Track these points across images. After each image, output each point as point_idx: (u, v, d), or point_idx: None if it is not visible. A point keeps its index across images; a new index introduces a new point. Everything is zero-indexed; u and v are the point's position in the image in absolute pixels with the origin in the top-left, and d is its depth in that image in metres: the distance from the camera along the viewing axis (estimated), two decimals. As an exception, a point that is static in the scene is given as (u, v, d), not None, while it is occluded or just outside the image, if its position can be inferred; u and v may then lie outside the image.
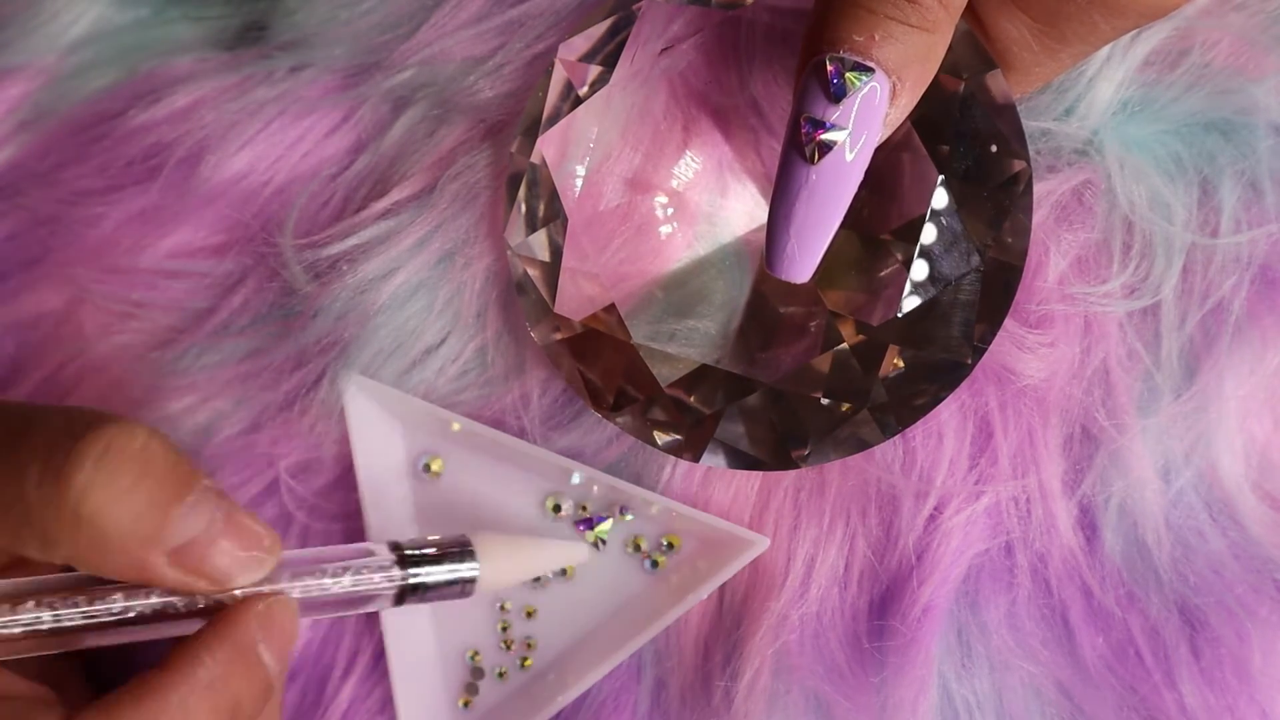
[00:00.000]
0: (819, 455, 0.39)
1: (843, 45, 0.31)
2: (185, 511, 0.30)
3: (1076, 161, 0.39)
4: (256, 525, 0.32)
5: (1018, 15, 0.35)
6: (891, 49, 0.31)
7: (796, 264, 0.33)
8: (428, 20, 0.42)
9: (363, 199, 0.42)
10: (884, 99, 0.32)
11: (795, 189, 0.32)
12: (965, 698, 0.41)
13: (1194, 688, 0.40)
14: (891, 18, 0.31)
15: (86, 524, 0.29)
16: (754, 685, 0.41)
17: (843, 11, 0.31)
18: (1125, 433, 0.39)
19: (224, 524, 0.31)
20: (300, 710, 0.44)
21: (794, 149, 0.32)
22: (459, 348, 0.42)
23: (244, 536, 0.31)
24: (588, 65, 0.39)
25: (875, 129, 0.32)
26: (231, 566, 0.31)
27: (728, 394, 0.39)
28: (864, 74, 0.31)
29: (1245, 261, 0.39)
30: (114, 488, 0.29)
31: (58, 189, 0.44)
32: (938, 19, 0.31)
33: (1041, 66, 0.36)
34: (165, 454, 0.30)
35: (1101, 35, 0.35)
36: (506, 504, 0.43)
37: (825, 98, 0.31)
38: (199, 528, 0.30)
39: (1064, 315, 0.39)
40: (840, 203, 0.33)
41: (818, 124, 0.32)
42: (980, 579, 0.40)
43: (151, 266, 0.43)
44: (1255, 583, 0.40)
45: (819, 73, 0.31)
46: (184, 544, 0.30)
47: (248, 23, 0.45)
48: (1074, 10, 0.34)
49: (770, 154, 0.39)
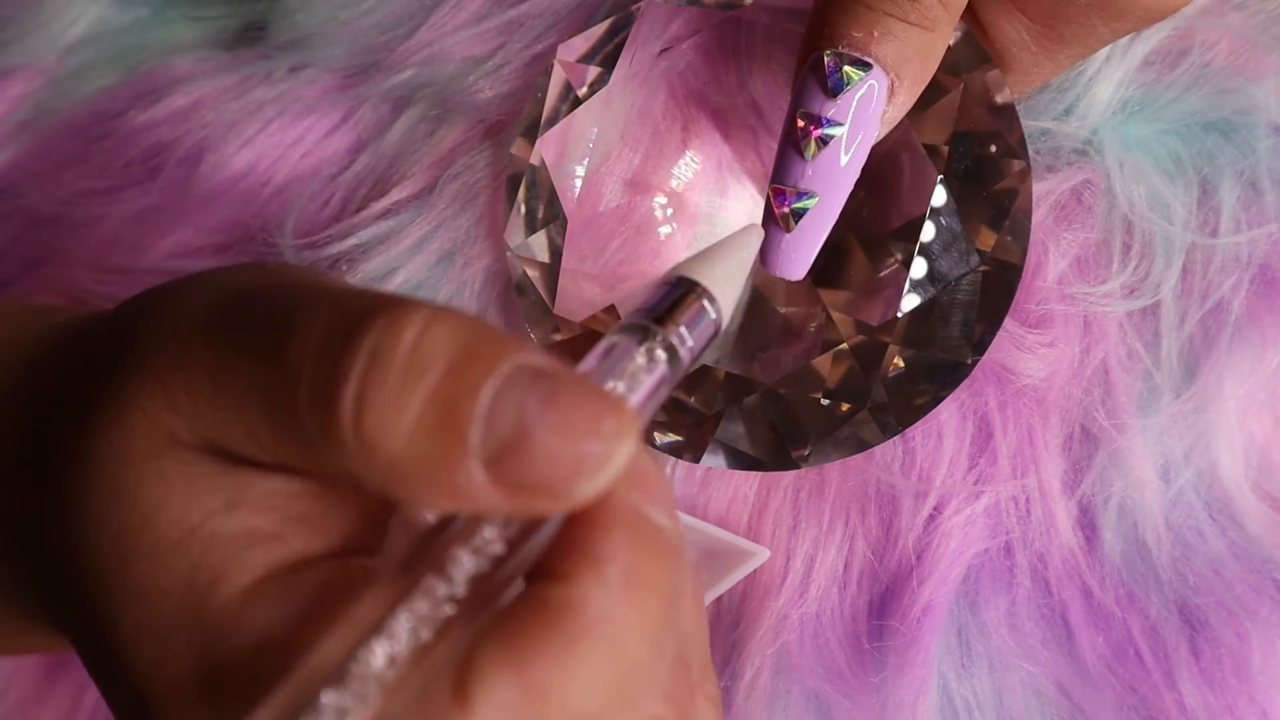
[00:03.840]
0: (819, 455, 0.39)
1: (841, 41, 0.31)
2: (481, 412, 0.22)
3: (1076, 161, 0.39)
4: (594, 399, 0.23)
5: (1016, 16, 0.35)
6: (890, 46, 0.31)
7: (792, 261, 0.33)
8: (427, 20, 0.42)
9: (363, 199, 0.42)
10: (882, 97, 0.32)
11: (790, 183, 0.32)
12: (965, 698, 0.41)
13: (1194, 688, 0.40)
14: (891, 15, 0.31)
15: (370, 453, 0.23)
16: (754, 685, 0.41)
17: (842, 8, 0.31)
18: (1125, 433, 0.39)
19: (542, 409, 0.23)
20: (299, 710, 0.44)
21: (790, 144, 0.32)
22: (459, 348, 0.42)
23: (569, 431, 0.23)
24: (587, 66, 0.39)
25: (872, 127, 0.32)
26: (563, 470, 0.23)
27: (727, 395, 0.39)
28: (862, 69, 0.31)
29: (1245, 261, 0.39)
30: (388, 403, 0.22)
31: (58, 189, 0.44)
32: (937, 18, 0.31)
33: (1040, 67, 0.36)
34: (446, 341, 0.23)
35: (1100, 37, 0.35)
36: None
37: (822, 92, 0.32)
38: (507, 431, 0.22)
39: (1064, 315, 0.39)
40: (836, 200, 0.33)
41: (814, 119, 0.32)
42: (980, 579, 0.40)
43: (151, 266, 0.43)
44: (1255, 583, 0.40)
45: (817, 68, 0.32)
46: (497, 451, 0.22)
47: (248, 23, 0.45)
48: (1073, 12, 0.34)
49: (769, 154, 0.39)
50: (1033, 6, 0.34)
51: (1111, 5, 0.33)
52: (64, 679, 0.45)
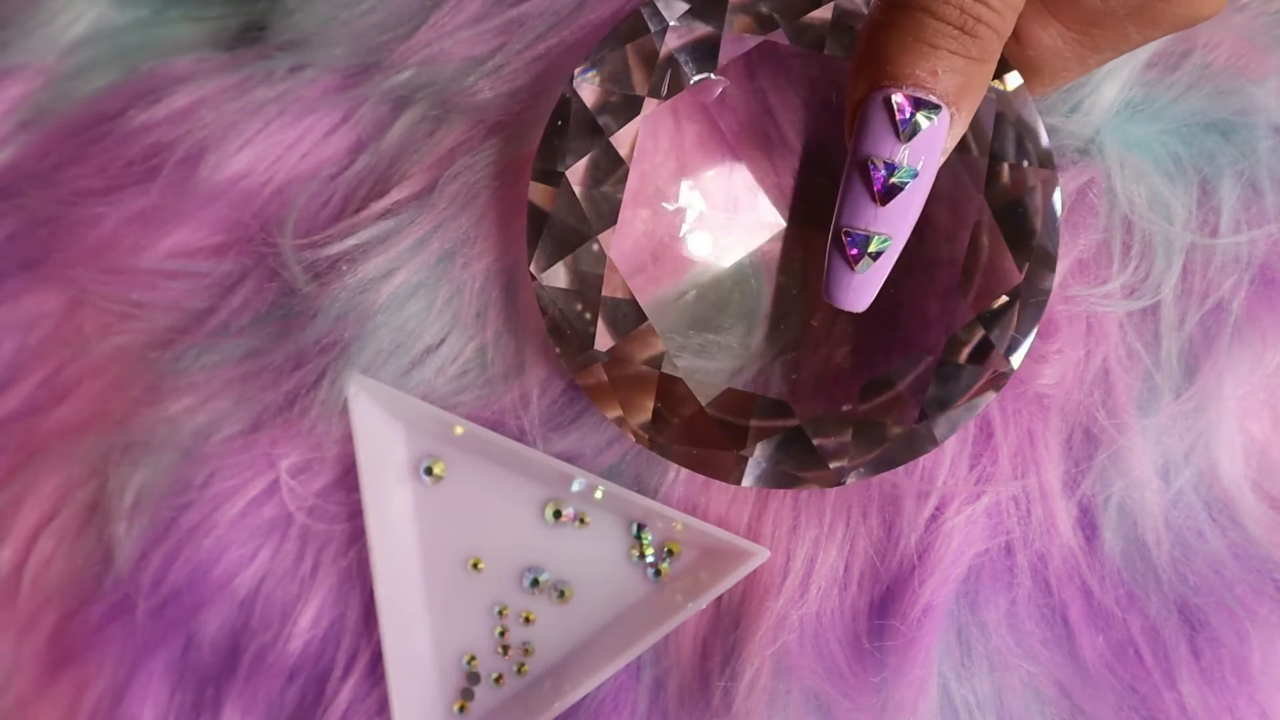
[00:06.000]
0: (860, 472, 0.38)
1: (907, 81, 0.31)
2: None
3: (1079, 161, 0.40)
4: None
5: (1052, 24, 0.35)
6: (952, 81, 0.31)
7: (859, 297, 0.34)
8: (427, 20, 0.42)
9: (362, 199, 0.42)
10: (943, 130, 0.32)
11: (861, 225, 0.32)
12: (965, 698, 0.41)
13: (1194, 688, 0.40)
14: (954, 52, 0.31)
15: None
16: (754, 685, 0.41)
17: (904, 46, 0.31)
18: (1125, 433, 0.39)
19: None
20: (300, 710, 0.44)
21: (860, 187, 0.32)
22: (458, 348, 0.42)
23: None
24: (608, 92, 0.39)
25: (935, 160, 0.32)
26: None
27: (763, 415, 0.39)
28: (933, 112, 0.31)
29: (1245, 261, 0.39)
30: None
31: (58, 189, 0.44)
32: (993, 50, 0.32)
33: (1069, 71, 0.36)
34: None
35: (1132, 43, 0.35)
36: (507, 509, 0.43)
37: (893, 135, 0.31)
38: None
39: (1067, 318, 0.39)
40: (904, 236, 0.33)
41: (890, 167, 0.32)
42: (980, 579, 0.40)
43: (151, 266, 0.43)
44: (1255, 583, 0.40)
45: (886, 109, 0.31)
46: None
47: (248, 23, 0.45)
48: (1109, 20, 0.34)
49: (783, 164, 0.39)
50: (1068, 14, 0.34)
51: (1148, 13, 0.33)
52: (64, 679, 0.45)
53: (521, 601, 0.43)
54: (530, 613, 0.43)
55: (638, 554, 0.42)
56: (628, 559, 0.42)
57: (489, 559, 0.43)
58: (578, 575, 0.43)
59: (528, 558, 0.43)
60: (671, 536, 0.42)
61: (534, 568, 0.43)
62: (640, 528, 0.42)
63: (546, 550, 0.43)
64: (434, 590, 0.43)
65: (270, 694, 0.44)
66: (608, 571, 0.43)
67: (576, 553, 0.43)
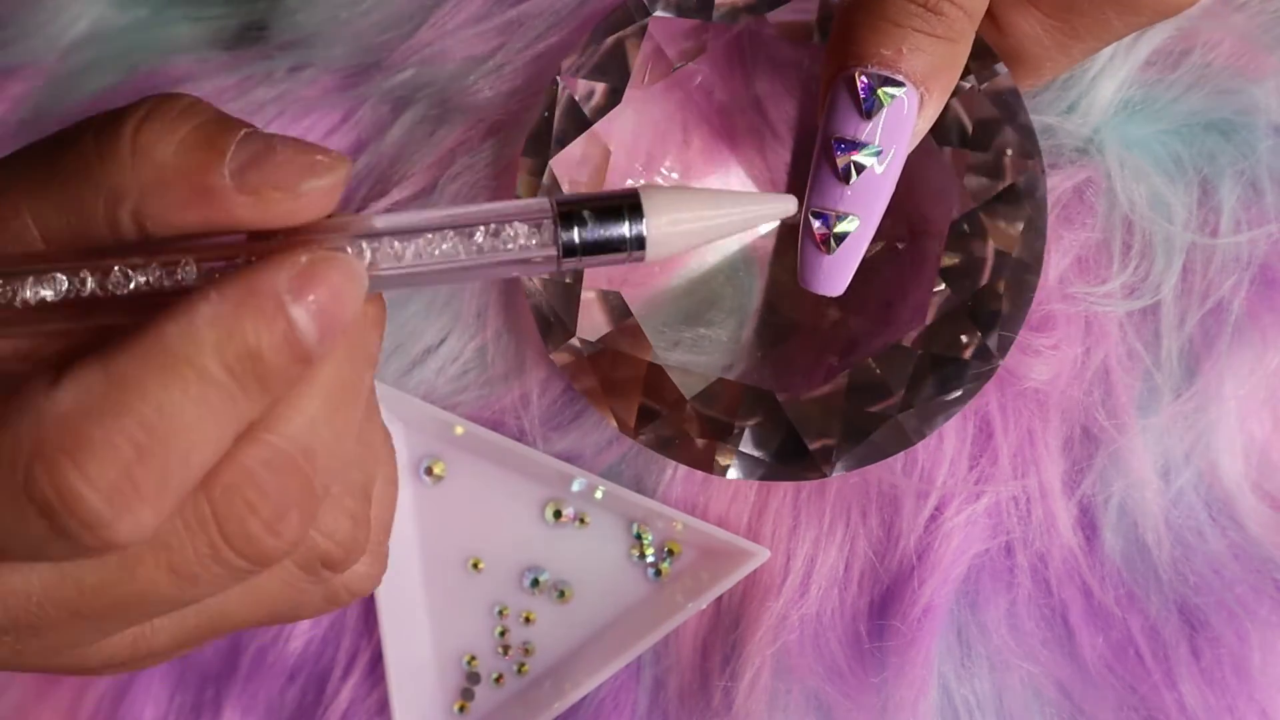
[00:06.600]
0: (846, 463, 0.38)
1: (871, 59, 0.31)
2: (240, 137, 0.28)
3: (1078, 160, 0.39)
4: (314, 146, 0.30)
5: (1031, 11, 0.35)
6: (919, 61, 0.31)
7: (833, 280, 0.33)
8: (428, 20, 0.42)
9: (363, 199, 0.42)
10: (912, 111, 0.32)
11: (829, 206, 0.32)
12: (965, 698, 0.41)
13: (1194, 687, 0.40)
14: (919, 30, 0.31)
15: (143, 156, 0.27)
16: (754, 685, 0.41)
17: (869, 26, 0.31)
18: (1125, 433, 0.39)
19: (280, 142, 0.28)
20: (300, 710, 0.44)
21: (827, 167, 0.32)
22: (459, 348, 0.42)
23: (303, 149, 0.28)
24: (594, 83, 0.39)
25: (905, 141, 0.32)
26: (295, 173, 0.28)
27: (749, 406, 0.39)
28: (895, 89, 0.31)
29: (1245, 261, 0.39)
30: (166, 125, 0.28)
31: (57, 189, 0.44)
32: (962, 29, 0.31)
33: (1053, 62, 0.36)
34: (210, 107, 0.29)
35: (1114, 31, 0.35)
36: (507, 509, 0.43)
37: (857, 114, 0.32)
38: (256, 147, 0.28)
39: (1065, 316, 0.39)
40: (874, 218, 0.33)
41: (851, 144, 0.32)
42: (980, 579, 0.40)
43: (151, 266, 0.43)
44: (1255, 583, 0.40)
45: (849, 88, 0.31)
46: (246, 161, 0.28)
47: (248, 23, 0.44)
48: (1088, 6, 0.34)
49: (774, 157, 0.39)
50: (1047, 1, 0.34)
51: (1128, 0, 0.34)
52: (64, 679, 0.45)
53: (521, 601, 0.43)
54: (530, 613, 0.43)
55: (638, 554, 0.42)
56: (628, 559, 0.42)
57: (489, 559, 0.43)
58: (578, 575, 0.43)
59: (528, 558, 0.43)
60: (671, 536, 0.42)
61: (534, 568, 0.43)
62: (640, 527, 0.42)
63: (546, 550, 0.43)
64: (434, 590, 0.43)
65: (270, 694, 0.44)
66: (608, 571, 0.43)
67: (576, 553, 0.43)
